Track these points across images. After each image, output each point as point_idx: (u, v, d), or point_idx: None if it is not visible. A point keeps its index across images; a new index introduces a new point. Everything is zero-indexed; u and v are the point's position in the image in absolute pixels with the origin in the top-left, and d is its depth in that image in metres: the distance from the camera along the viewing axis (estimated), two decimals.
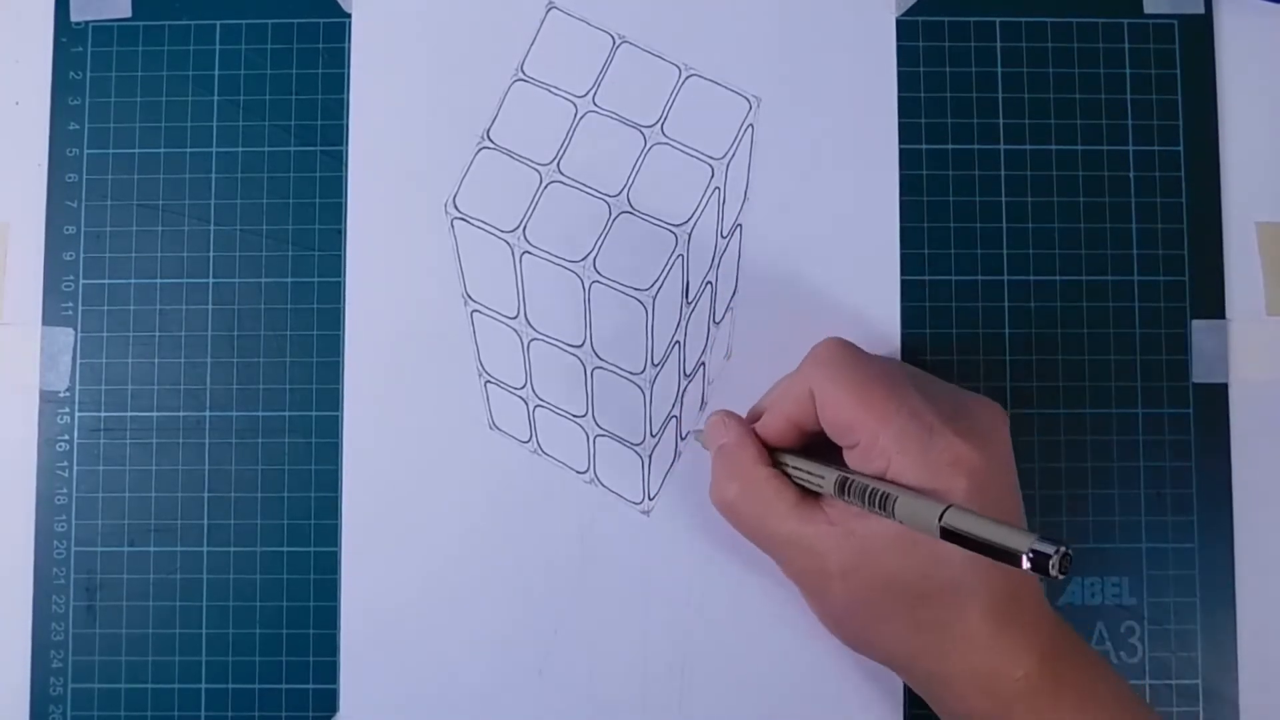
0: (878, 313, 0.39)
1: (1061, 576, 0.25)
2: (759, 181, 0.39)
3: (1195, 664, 0.38)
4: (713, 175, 0.39)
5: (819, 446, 0.34)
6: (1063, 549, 0.25)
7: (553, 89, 0.39)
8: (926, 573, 0.31)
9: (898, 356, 0.39)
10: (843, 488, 0.31)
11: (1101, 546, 0.39)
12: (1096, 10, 0.40)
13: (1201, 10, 0.40)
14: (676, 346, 0.39)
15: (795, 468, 0.34)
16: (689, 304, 0.39)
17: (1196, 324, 0.39)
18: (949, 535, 0.27)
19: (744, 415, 0.36)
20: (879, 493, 0.30)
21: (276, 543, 0.39)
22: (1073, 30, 0.40)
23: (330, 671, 0.38)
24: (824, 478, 0.32)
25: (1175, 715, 0.38)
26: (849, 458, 0.33)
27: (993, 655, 0.31)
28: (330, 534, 0.39)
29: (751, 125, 0.40)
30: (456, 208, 0.39)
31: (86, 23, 0.40)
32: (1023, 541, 0.25)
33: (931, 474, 0.30)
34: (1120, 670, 0.38)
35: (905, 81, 0.40)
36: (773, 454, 0.35)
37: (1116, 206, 0.40)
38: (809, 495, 0.33)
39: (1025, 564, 0.25)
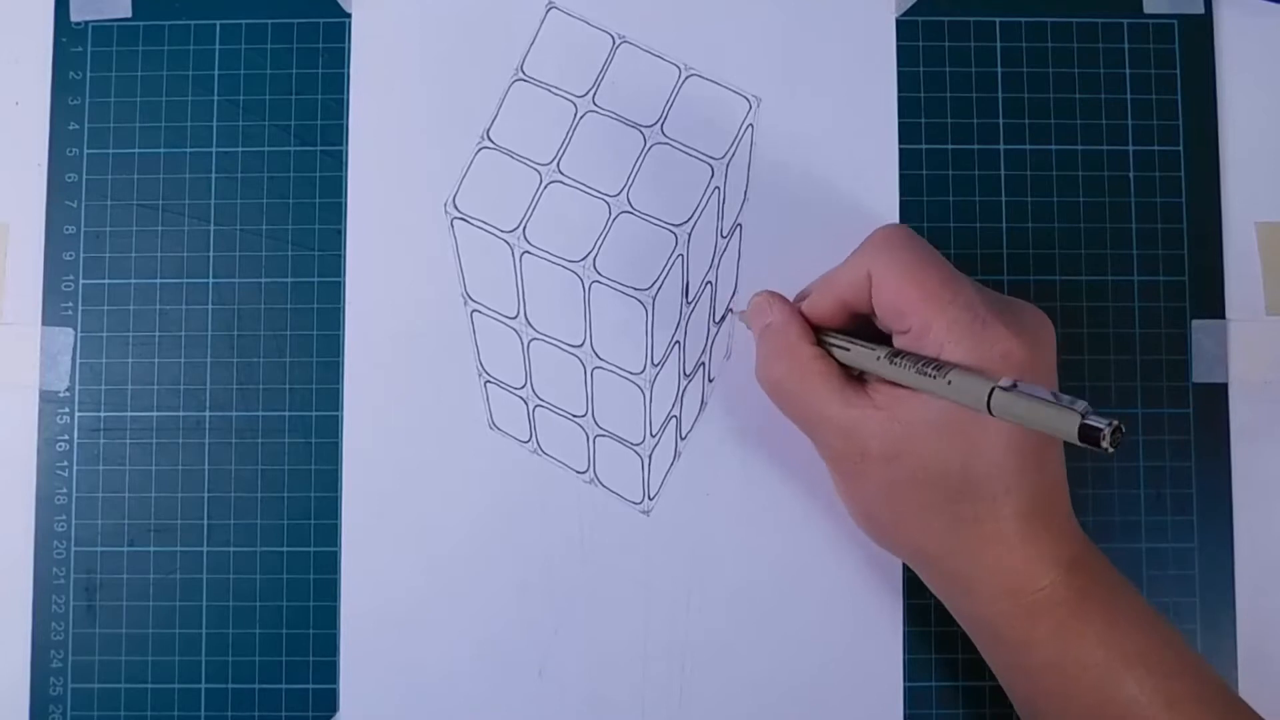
0: None
1: (1112, 450, 0.25)
2: (759, 181, 0.39)
3: None
4: (712, 175, 0.39)
5: (861, 334, 0.34)
6: (1115, 422, 0.25)
7: (553, 89, 0.39)
8: (967, 462, 0.31)
9: None
10: (895, 357, 0.31)
11: (1101, 546, 0.38)
12: (1096, 10, 0.40)
13: (1201, 10, 0.40)
14: (676, 346, 0.39)
15: (842, 346, 0.34)
16: (689, 304, 0.39)
17: (1196, 324, 0.39)
18: (1000, 410, 0.28)
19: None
20: (933, 361, 0.30)
21: (276, 542, 0.39)
22: (1072, 30, 0.40)
23: (330, 671, 0.38)
24: (876, 351, 0.32)
25: None
26: (899, 344, 0.33)
27: (1021, 559, 0.31)
28: (330, 534, 0.39)
29: (751, 125, 0.40)
30: (456, 207, 0.39)
31: (86, 22, 0.40)
32: (1074, 413, 0.26)
33: (981, 365, 0.30)
34: None
35: (905, 81, 0.40)
36: (818, 335, 0.35)
37: (1116, 206, 0.40)
38: (854, 379, 0.33)
39: (1075, 436, 0.26)
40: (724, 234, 0.39)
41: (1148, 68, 0.40)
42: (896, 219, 0.39)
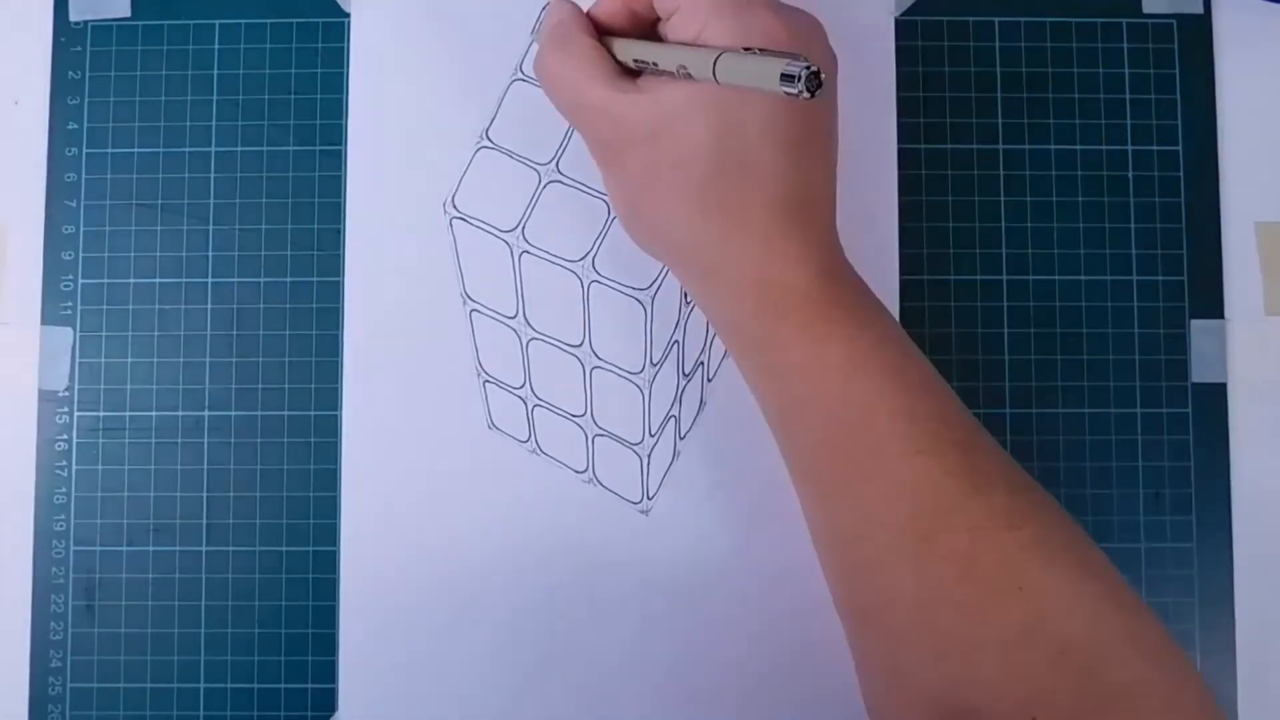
0: None
1: (808, 95, 0.26)
2: None
3: (1194, 663, 0.38)
4: None
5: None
6: (810, 68, 0.26)
7: None
8: (722, 142, 0.30)
9: None
10: (642, 54, 0.32)
11: (1101, 546, 0.39)
12: (1095, 10, 0.40)
13: (1200, 10, 0.40)
14: (675, 346, 0.39)
15: (618, 43, 0.34)
16: (688, 303, 0.39)
17: (1195, 324, 0.39)
18: (723, 74, 0.28)
19: None
20: (669, 54, 0.31)
21: (275, 542, 0.39)
22: (1071, 30, 0.40)
23: (329, 671, 0.38)
24: (632, 46, 0.33)
25: None
26: (669, 29, 0.32)
27: (767, 252, 0.31)
28: (329, 533, 0.39)
29: None
30: (455, 207, 0.39)
31: (85, 22, 0.40)
32: (776, 64, 0.27)
33: (742, 40, 0.30)
34: None
35: (904, 81, 0.40)
36: (601, 36, 0.34)
37: (1115, 206, 0.40)
38: (629, 72, 0.33)
39: (778, 83, 0.26)
40: None
41: (1147, 67, 0.40)
42: (896, 219, 0.39)
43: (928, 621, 0.30)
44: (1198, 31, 0.40)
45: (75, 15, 0.40)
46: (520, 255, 0.39)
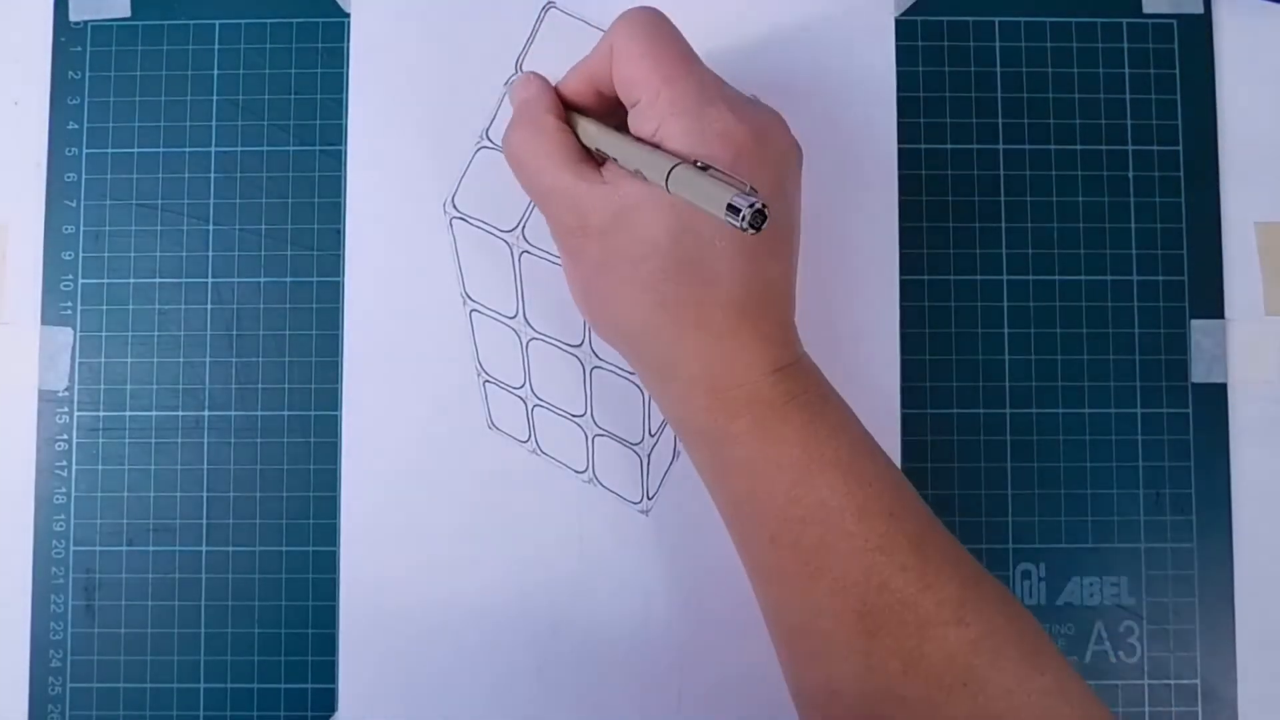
0: (877, 312, 0.39)
1: (750, 230, 0.26)
2: None
3: (1194, 664, 0.38)
4: None
5: (622, 127, 0.34)
6: (756, 204, 0.26)
7: None
8: (678, 239, 0.30)
9: (897, 356, 0.39)
10: (606, 140, 0.32)
11: (1100, 546, 0.39)
12: (1095, 10, 0.40)
13: (1200, 10, 0.40)
14: None
15: (583, 125, 0.34)
16: None
17: (1195, 324, 0.39)
18: (675, 186, 0.28)
19: None
20: (629, 149, 0.31)
21: (275, 542, 0.39)
22: (1071, 30, 0.40)
23: (329, 671, 0.38)
24: (597, 133, 0.33)
25: (1174, 715, 0.38)
26: (631, 121, 0.32)
27: (723, 353, 0.31)
28: (329, 533, 0.39)
29: None
30: (455, 207, 0.39)
31: (85, 22, 0.40)
32: (724, 193, 0.26)
33: (699, 140, 0.30)
34: (1119, 670, 0.38)
35: (904, 81, 0.40)
36: (569, 117, 0.34)
37: (1115, 206, 0.40)
38: (592, 158, 0.33)
39: (722, 212, 0.26)
40: None
41: (1147, 67, 0.40)
42: (896, 219, 0.39)
43: (873, 716, 0.30)
44: (1198, 31, 0.40)
45: (75, 15, 0.40)
46: (520, 255, 0.39)
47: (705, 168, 0.29)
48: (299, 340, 0.39)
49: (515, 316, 0.39)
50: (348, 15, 0.40)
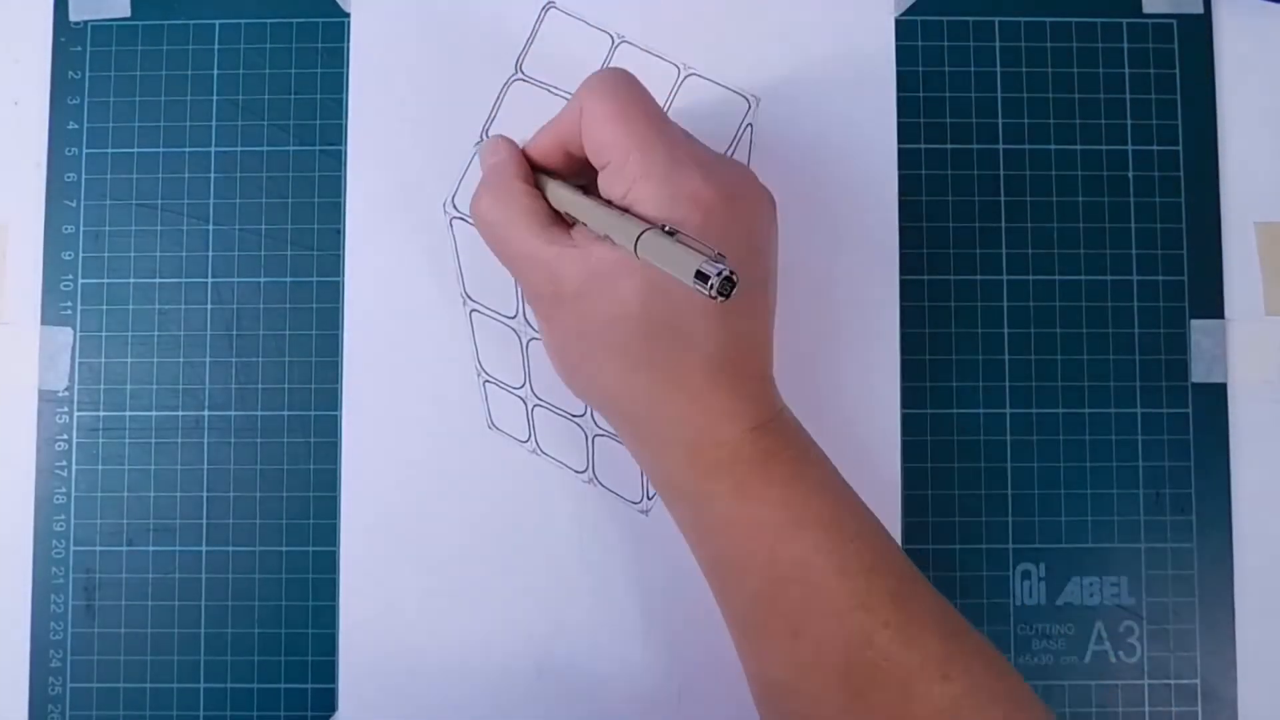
0: (877, 312, 0.39)
1: (719, 298, 0.26)
2: None
3: (1194, 664, 0.38)
4: None
5: (592, 186, 0.34)
6: (724, 272, 0.26)
7: (551, 89, 0.39)
8: (649, 304, 0.30)
9: (897, 355, 0.39)
10: (575, 203, 0.32)
11: (1100, 546, 0.39)
12: (1095, 10, 0.40)
13: (1200, 10, 0.40)
14: None
15: (552, 188, 0.34)
16: None
17: (1195, 324, 0.39)
18: (643, 251, 0.28)
19: None
20: (599, 212, 0.30)
21: (275, 542, 0.39)
22: (1071, 30, 0.40)
23: (329, 671, 0.38)
24: (566, 195, 0.32)
25: (1174, 715, 0.38)
26: (600, 183, 0.32)
27: (702, 412, 0.31)
28: (329, 533, 0.39)
29: (751, 125, 0.40)
30: (455, 207, 0.39)
31: (85, 22, 0.40)
32: (692, 261, 0.26)
33: (669, 203, 0.30)
34: (1119, 670, 0.38)
35: (904, 81, 0.40)
36: (538, 179, 0.34)
37: (1115, 206, 0.40)
38: (563, 222, 0.33)
39: (691, 279, 0.26)
40: None
41: (1147, 67, 0.40)
42: (896, 219, 0.39)
43: None
44: (1198, 31, 0.40)
45: (75, 15, 0.40)
46: None
47: (673, 233, 0.28)
48: (299, 340, 0.39)
49: (515, 316, 0.39)
50: (348, 15, 0.40)
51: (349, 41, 0.40)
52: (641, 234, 0.28)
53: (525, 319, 0.39)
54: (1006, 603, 0.39)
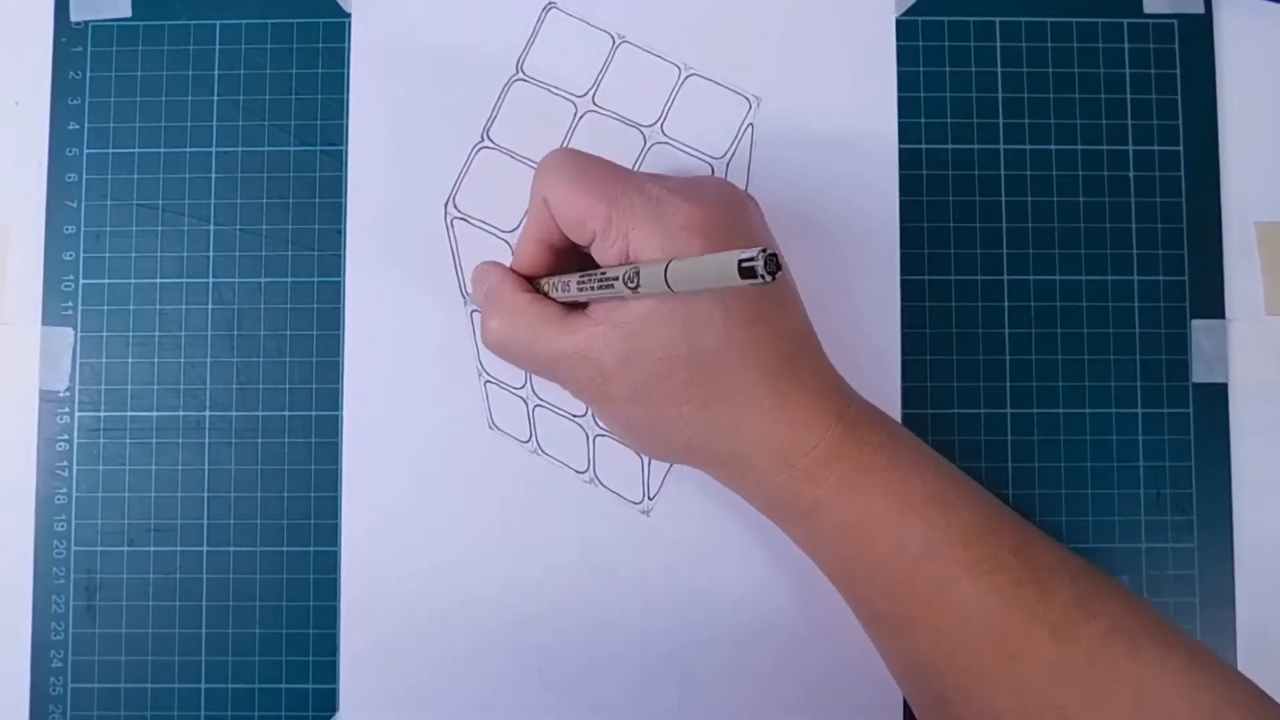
0: (878, 313, 0.39)
1: (770, 279, 0.25)
2: (759, 181, 0.39)
3: None
4: (712, 175, 0.39)
5: (584, 267, 0.33)
6: (765, 250, 0.25)
7: (552, 89, 0.39)
8: (691, 340, 0.30)
9: (897, 356, 0.39)
10: (582, 284, 0.31)
11: (1101, 546, 0.39)
12: (1096, 10, 0.40)
13: (1201, 10, 0.40)
14: None
15: (551, 285, 0.33)
16: None
17: (1196, 324, 0.39)
18: (677, 284, 0.28)
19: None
20: (608, 275, 0.30)
21: (276, 542, 0.39)
22: (1072, 30, 0.40)
23: (330, 671, 0.38)
24: (567, 282, 0.32)
25: None
26: (595, 254, 0.32)
27: (783, 423, 0.31)
28: (330, 534, 0.39)
29: (751, 125, 0.40)
30: (456, 207, 0.39)
31: (86, 22, 0.40)
32: (731, 259, 0.26)
33: (669, 241, 0.30)
34: None
35: (905, 81, 0.40)
36: (534, 284, 0.34)
37: (1116, 206, 0.40)
38: (576, 309, 0.33)
39: (738, 277, 0.26)
40: None
41: (1147, 67, 0.40)
42: (896, 219, 0.39)
43: None
44: (1199, 31, 0.40)
45: (76, 15, 0.40)
46: None
47: (682, 259, 0.28)
48: (300, 340, 0.39)
49: None
50: (348, 15, 0.40)
51: (350, 42, 0.40)
52: (668, 266, 0.28)
53: None
54: None
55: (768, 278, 0.25)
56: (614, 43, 0.40)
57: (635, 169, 0.39)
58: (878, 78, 0.40)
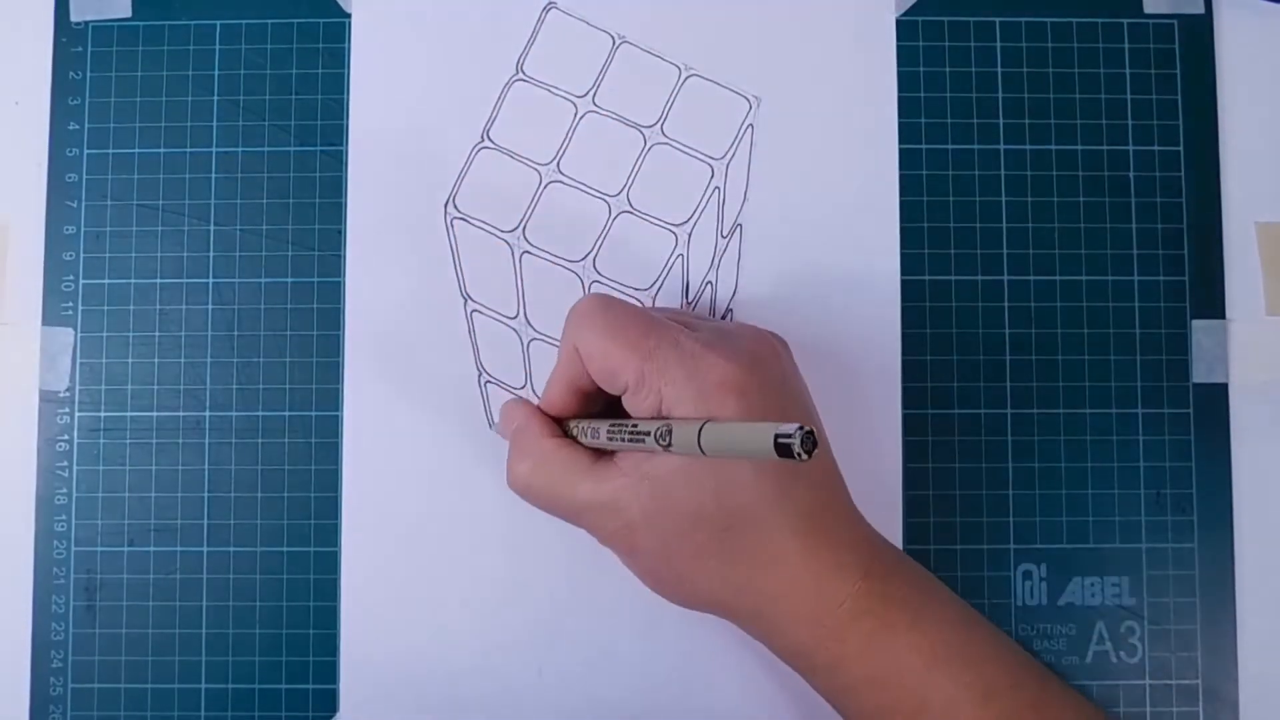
0: (878, 313, 0.39)
1: (806, 457, 0.25)
2: (759, 181, 0.39)
3: (1195, 664, 0.38)
4: (712, 175, 0.39)
5: (612, 409, 0.33)
6: (803, 428, 0.25)
7: (552, 89, 0.39)
8: (721, 499, 0.30)
9: (898, 356, 0.39)
10: (612, 434, 0.31)
11: (1101, 546, 0.39)
12: (1096, 10, 0.40)
13: (1201, 10, 0.40)
14: None
15: (580, 430, 0.33)
16: (689, 304, 0.39)
17: (1196, 324, 0.39)
18: (711, 449, 0.27)
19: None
20: (640, 429, 0.30)
21: (276, 543, 0.39)
22: (1073, 30, 0.40)
23: (330, 671, 0.38)
24: (597, 429, 0.32)
25: (1175, 715, 0.38)
26: (627, 404, 0.32)
27: (811, 580, 0.31)
28: (330, 534, 0.39)
29: (751, 125, 0.40)
30: (456, 208, 0.39)
31: (86, 23, 0.40)
32: (767, 431, 0.25)
33: (702, 399, 0.30)
34: (1120, 670, 0.38)
35: (905, 81, 0.40)
36: (562, 426, 0.34)
37: (1116, 206, 0.40)
38: (604, 456, 0.33)
39: (774, 453, 0.25)
40: (724, 234, 0.39)
41: (1148, 68, 0.40)
42: (897, 219, 0.39)
43: None
44: (1199, 32, 0.40)
45: (76, 16, 0.40)
46: (521, 255, 0.39)
47: (719, 423, 0.28)
48: (300, 341, 0.39)
49: (516, 317, 0.39)
50: (348, 16, 0.40)
51: (350, 42, 0.40)
52: (701, 430, 0.28)
53: (526, 319, 0.39)
54: (1008, 603, 0.39)
55: (804, 456, 0.25)
56: (614, 43, 0.40)
57: (635, 170, 0.39)
58: (878, 78, 0.40)
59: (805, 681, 0.34)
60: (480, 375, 0.39)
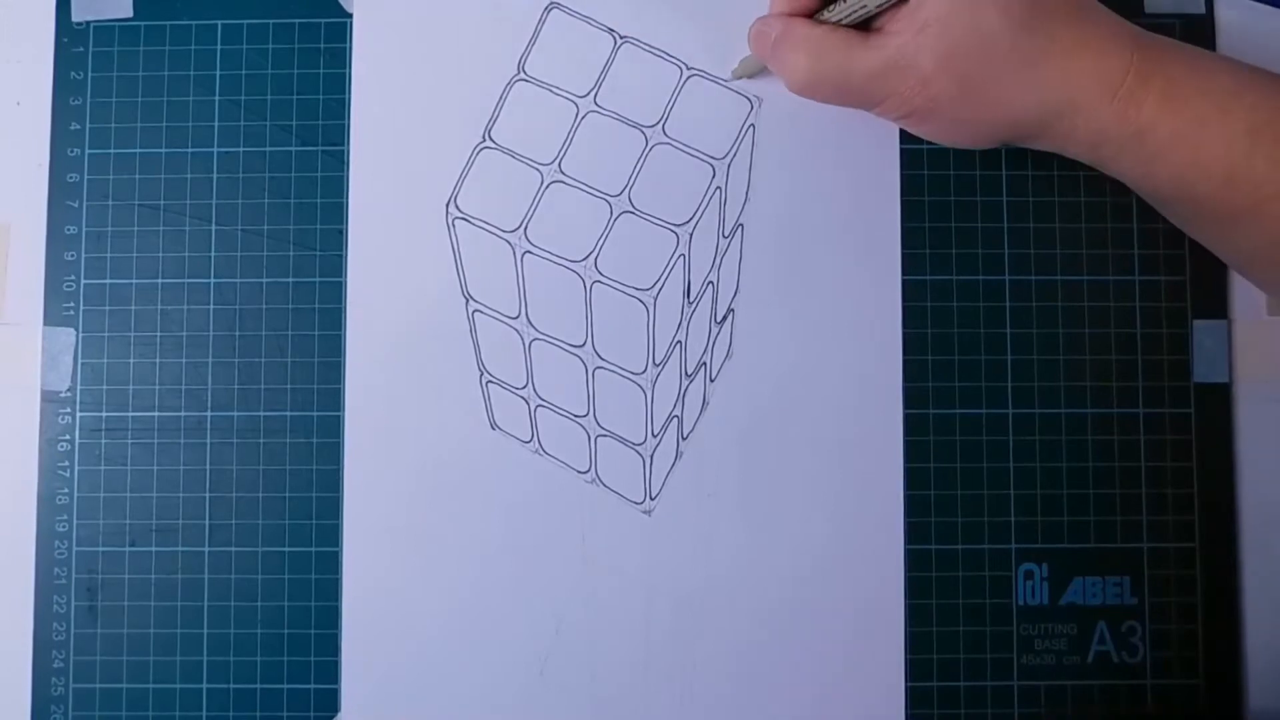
0: (879, 312, 0.39)
1: None
2: (760, 181, 0.39)
3: (1197, 664, 0.38)
4: (714, 175, 0.39)
5: None
6: None
7: (554, 89, 0.39)
8: (1006, 8, 0.32)
9: (898, 356, 0.39)
10: (852, 8, 0.33)
11: (1103, 546, 0.39)
12: None
13: (1202, 10, 0.40)
14: (678, 346, 0.39)
15: (833, 11, 0.34)
16: (690, 304, 0.39)
17: (1198, 324, 0.39)
18: None
19: None
20: None
21: (278, 543, 0.39)
22: None
23: (331, 671, 0.38)
24: (842, 11, 0.34)
25: (1177, 716, 0.38)
26: None
27: (1098, 54, 0.33)
28: (332, 534, 0.39)
29: (753, 125, 0.40)
30: (457, 207, 0.39)
31: (88, 22, 0.40)
32: None
33: None
34: (1122, 670, 0.38)
35: None
36: (816, 19, 0.35)
37: (1118, 206, 0.40)
38: (872, 31, 0.34)
39: None
40: (725, 234, 0.39)
41: None
42: (898, 219, 0.39)
43: None
44: (1200, 32, 0.40)
45: (78, 16, 0.40)
46: (522, 255, 0.39)
47: None
48: (301, 341, 0.39)
49: (518, 317, 0.39)
50: (350, 16, 0.40)
51: (351, 42, 0.40)
52: None
53: (527, 318, 0.39)
54: (1009, 603, 0.39)
55: None
56: (615, 42, 0.40)
57: (637, 170, 0.39)
58: None
59: (1114, 175, 0.35)
60: (482, 375, 0.39)
